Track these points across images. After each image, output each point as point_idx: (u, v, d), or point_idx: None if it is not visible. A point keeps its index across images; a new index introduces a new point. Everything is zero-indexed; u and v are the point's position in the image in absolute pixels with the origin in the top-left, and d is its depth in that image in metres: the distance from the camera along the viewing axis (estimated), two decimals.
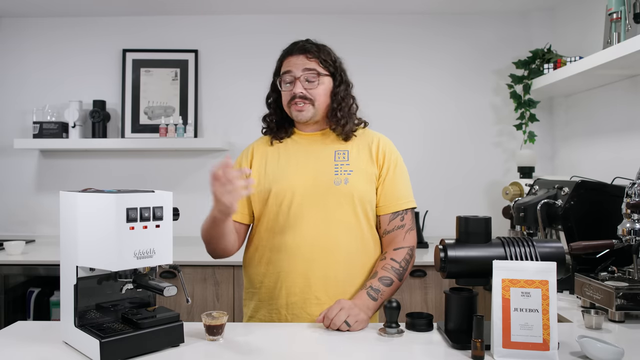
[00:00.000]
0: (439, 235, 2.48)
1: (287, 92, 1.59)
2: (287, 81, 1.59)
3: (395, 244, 1.57)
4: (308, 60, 1.58)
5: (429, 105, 3.22)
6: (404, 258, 1.55)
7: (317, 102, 1.58)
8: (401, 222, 1.58)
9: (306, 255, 1.52)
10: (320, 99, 1.59)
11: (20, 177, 3.26)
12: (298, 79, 1.57)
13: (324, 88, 1.59)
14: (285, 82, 1.60)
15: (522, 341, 1.16)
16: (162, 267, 1.26)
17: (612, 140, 2.52)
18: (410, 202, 1.60)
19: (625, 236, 1.55)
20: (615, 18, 2.11)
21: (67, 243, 1.25)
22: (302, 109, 1.57)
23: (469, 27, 3.20)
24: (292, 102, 1.58)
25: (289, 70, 1.59)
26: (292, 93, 1.57)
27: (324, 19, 3.21)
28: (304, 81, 1.57)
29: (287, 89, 1.59)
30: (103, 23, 3.26)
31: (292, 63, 1.59)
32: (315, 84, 1.58)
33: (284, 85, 1.60)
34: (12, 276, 2.67)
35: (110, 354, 1.15)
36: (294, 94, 1.57)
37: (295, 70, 1.58)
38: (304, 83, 1.57)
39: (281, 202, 1.55)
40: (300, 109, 1.57)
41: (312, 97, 1.57)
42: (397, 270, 1.52)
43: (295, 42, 1.64)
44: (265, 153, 1.64)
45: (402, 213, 1.59)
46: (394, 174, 1.59)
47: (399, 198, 1.58)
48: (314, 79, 1.58)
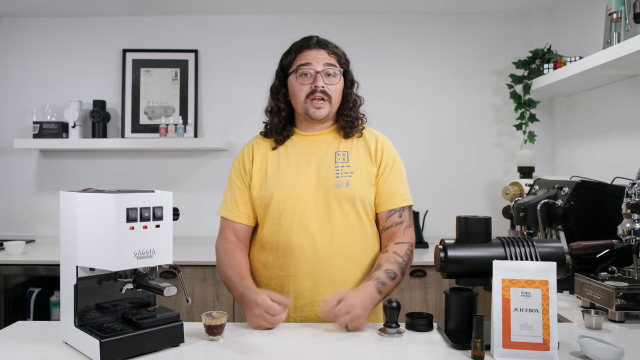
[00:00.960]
0: (439, 235, 2.48)
1: (306, 86, 1.54)
2: (305, 73, 1.54)
3: (396, 238, 1.56)
4: (329, 55, 1.56)
5: (429, 105, 3.21)
6: (405, 252, 1.54)
7: (334, 100, 1.56)
8: (399, 219, 1.58)
9: (312, 258, 1.52)
10: (336, 97, 1.57)
11: (20, 177, 3.26)
12: (319, 72, 1.53)
13: (340, 86, 1.58)
14: (303, 74, 1.54)
15: (522, 341, 1.16)
16: (162, 267, 1.26)
17: (612, 140, 2.52)
18: (407, 200, 1.60)
19: (625, 236, 1.55)
20: (615, 18, 2.11)
21: (67, 243, 1.25)
22: (321, 106, 1.53)
23: (469, 27, 3.20)
24: (310, 97, 1.53)
25: (309, 63, 1.53)
26: (312, 87, 1.52)
27: (324, 18, 3.21)
28: (325, 76, 1.53)
29: (307, 82, 1.54)
30: (103, 23, 3.26)
31: (311, 56, 1.54)
32: (335, 80, 1.55)
33: (300, 77, 1.54)
34: (12, 276, 2.67)
35: (110, 354, 1.15)
36: (315, 87, 1.52)
37: (316, 63, 1.53)
38: (324, 78, 1.53)
39: (284, 206, 1.54)
40: (320, 105, 1.53)
41: (330, 93, 1.54)
42: (401, 264, 1.52)
43: (310, 37, 1.60)
44: (265, 155, 1.61)
45: (399, 210, 1.58)
46: (391, 172, 1.59)
47: (396, 195, 1.58)
48: (335, 74, 1.55)
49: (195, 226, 3.01)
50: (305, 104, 1.55)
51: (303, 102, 1.55)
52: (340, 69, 1.57)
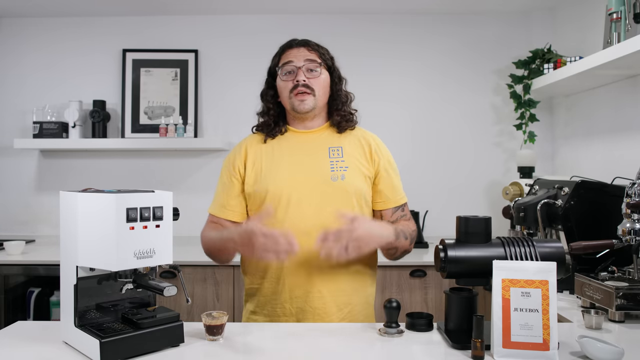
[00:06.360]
0: (439, 235, 2.48)
1: (288, 82, 1.60)
2: (288, 71, 1.60)
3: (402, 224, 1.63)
4: (309, 52, 1.62)
5: (429, 105, 3.22)
6: (414, 229, 1.63)
7: (318, 93, 1.60)
8: (403, 213, 1.67)
9: (307, 251, 1.53)
10: (320, 91, 1.61)
11: (20, 177, 3.26)
12: (300, 68, 1.59)
13: (324, 79, 1.62)
14: (286, 72, 1.60)
15: (522, 341, 1.16)
16: (162, 267, 1.26)
17: (612, 140, 2.52)
18: (405, 197, 1.69)
19: (625, 236, 1.56)
20: (615, 18, 2.11)
21: (67, 243, 1.25)
22: (305, 98, 1.58)
23: (469, 27, 3.20)
24: (293, 92, 1.58)
25: (290, 61, 1.60)
26: (294, 82, 1.58)
27: (325, 19, 3.21)
28: (306, 71, 1.59)
29: (289, 79, 1.60)
30: (103, 23, 3.26)
31: (292, 54, 1.61)
32: (316, 74, 1.60)
33: (284, 75, 1.61)
34: (12, 276, 2.67)
35: (110, 354, 1.15)
36: (296, 82, 1.58)
37: (297, 60, 1.60)
38: (306, 73, 1.59)
39: (279, 201, 1.56)
40: (303, 98, 1.58)
41: (313, 87, 1.59)
42: (410, 234, 1.59)
43: (293, 39, 1.67)
44: (259, 151, 1.64)
45: (402, 206, 1.67)
46: (391, 172, 1.66)
47: (397, 194, 1.66)
48: (315, 68, 1.60)
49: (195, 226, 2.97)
50: (290, 99, 1.60)
51: (288, 98, 1.60)
52: (320, 63, 1.62)
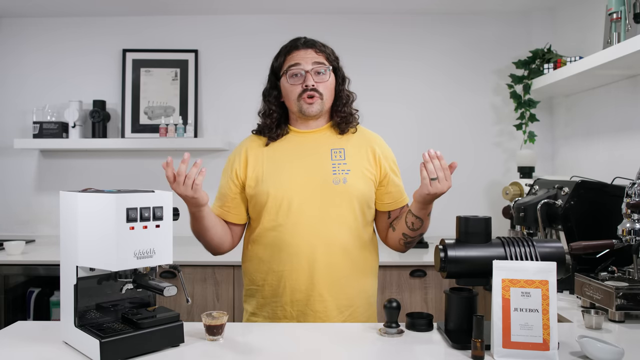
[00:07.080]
0: (439, 235, 2.47)
1: (296, 86, 1.58)
2: (295, 74, 1.58)
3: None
4: (317, 54, 1.60)
5: (429, 105, 3.22)
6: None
7: (325, 97, 1.60)
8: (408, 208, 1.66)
9: (308, 254, 1.54)
10: (327, 93, 1.61)
11: (20, 177, 3.26)
12: (308, 72, 1.57)
13: (331, 82, 1.62)
14: (294, 74, 1.58)
15: (522, 341, 1.16)
16: (162, 267, 1.26)
17: (612, 140, 2.52)
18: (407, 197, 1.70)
19: (625, 236, 1.56)
20: (615, 18, 2.11)
21: (67, 243, 1.25)
22: (313, 102, 1.57)
23: (469, 27, 3.20)
24: (302, 96, 1.57)
25: (298, 63, 1.58)
26: (303, 86, 1.57)
27: (325, 19, 3.20)
28: (314, 74, 1.58)
29: (297, 82, 1.58)
30: (103, 23, 3.26)
31: (300, 56, 1.59)
32: (325, 77, 1.59)
33: (291, 78, 1.59)
34: (12, 276, 2.67)
35: (110, 354, 1.15)
36: (306, 86, 1.56)
37: (305, 63, 1.58)
38: (314, 76, 1.57)
39: (280, 204, 1.55)
40: (312, 102, 1.57)
41: (321, 90, 1.58)
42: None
43: (297, 38, 1.64)
44: (260, 154, 1.63)
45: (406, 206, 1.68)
46: (397, 173, 1.68)
47: (403, 194, 1.68)
48: (324, 71, 1.59)
49: None
50: (298, 103, 1.59)
51: (296, 101, 1.59)
52: (329, 67, 1.61)
